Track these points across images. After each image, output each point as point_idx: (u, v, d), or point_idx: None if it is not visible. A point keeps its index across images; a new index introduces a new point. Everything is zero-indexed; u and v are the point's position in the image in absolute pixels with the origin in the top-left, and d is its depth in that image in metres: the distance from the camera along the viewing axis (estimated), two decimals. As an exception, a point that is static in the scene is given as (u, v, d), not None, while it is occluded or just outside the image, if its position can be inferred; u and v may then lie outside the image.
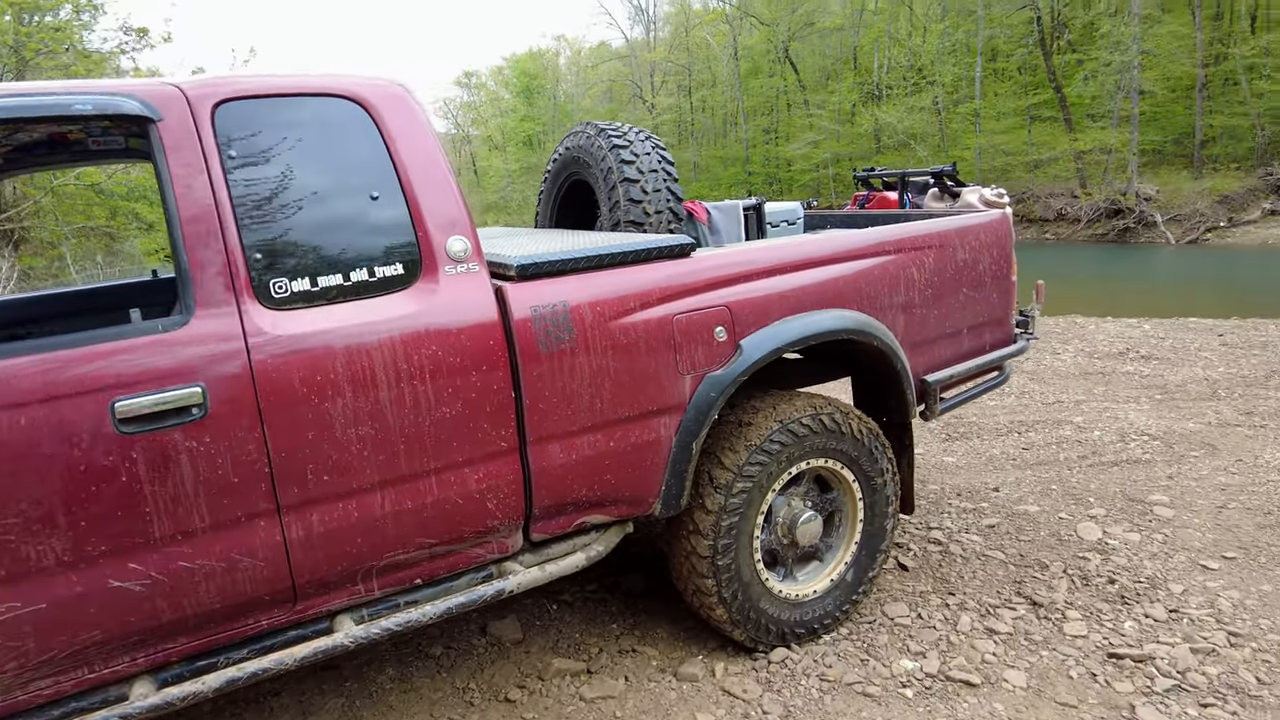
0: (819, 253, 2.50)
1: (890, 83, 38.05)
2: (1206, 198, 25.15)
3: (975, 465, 4.42)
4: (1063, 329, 8.58)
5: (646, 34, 57.14)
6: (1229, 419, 4.98)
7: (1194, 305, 12.52)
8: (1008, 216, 3.01)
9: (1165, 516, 3.52)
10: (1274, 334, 7.85)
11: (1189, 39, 27.68)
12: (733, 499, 2.34)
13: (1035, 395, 5.82)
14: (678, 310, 2.21)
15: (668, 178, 2.81)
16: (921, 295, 2.68)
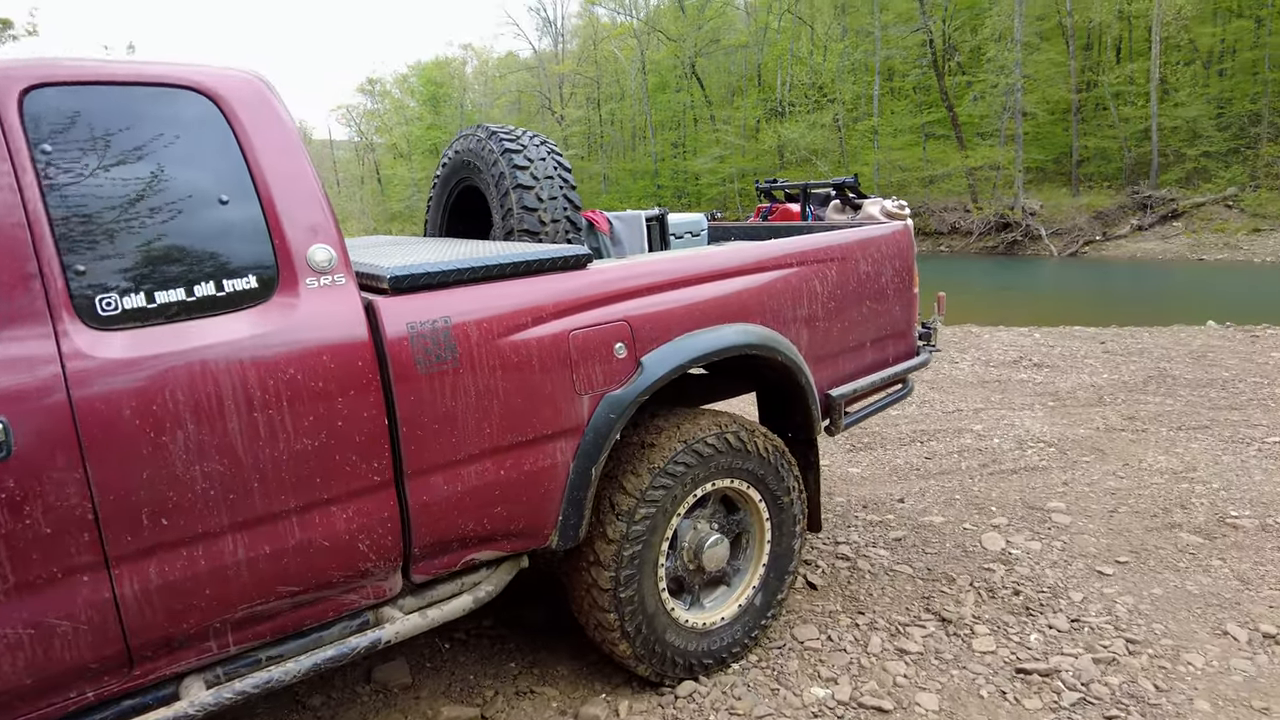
0: (722, 265, 2.39)
1: (793, 100, 39.12)
2: (1084, 213, 26.85)
3: (880, 476, 4.43)
4: (960, 338, 8.87)
5: (555, 46, 57.09)
6: (1114, 424, 5.18)
7: (1077, 314, 13.23)
8: (909, 228, 2.99)
9: (1063, 523, 3.58)
10: (1148, 341, 8.32)
11: (1064, 66, 29.59)
12: (635, 526, 2.19)
13: (936, 404, 5.93)
14: (574, 326, 2.05)
15: (564, 185, 2.65)
16: (825, 308, 2.62)
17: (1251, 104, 27.49)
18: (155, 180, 1.68)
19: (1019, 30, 28.51)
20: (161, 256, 1.66)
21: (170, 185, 1.69)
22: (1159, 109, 27.30)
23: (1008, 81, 28.70)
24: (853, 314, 2.72)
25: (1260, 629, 2.67)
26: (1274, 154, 25.72)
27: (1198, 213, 25.20)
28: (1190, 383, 6.21)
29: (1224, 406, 5.51)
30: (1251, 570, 3.10)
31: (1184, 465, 4.29)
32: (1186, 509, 3.70)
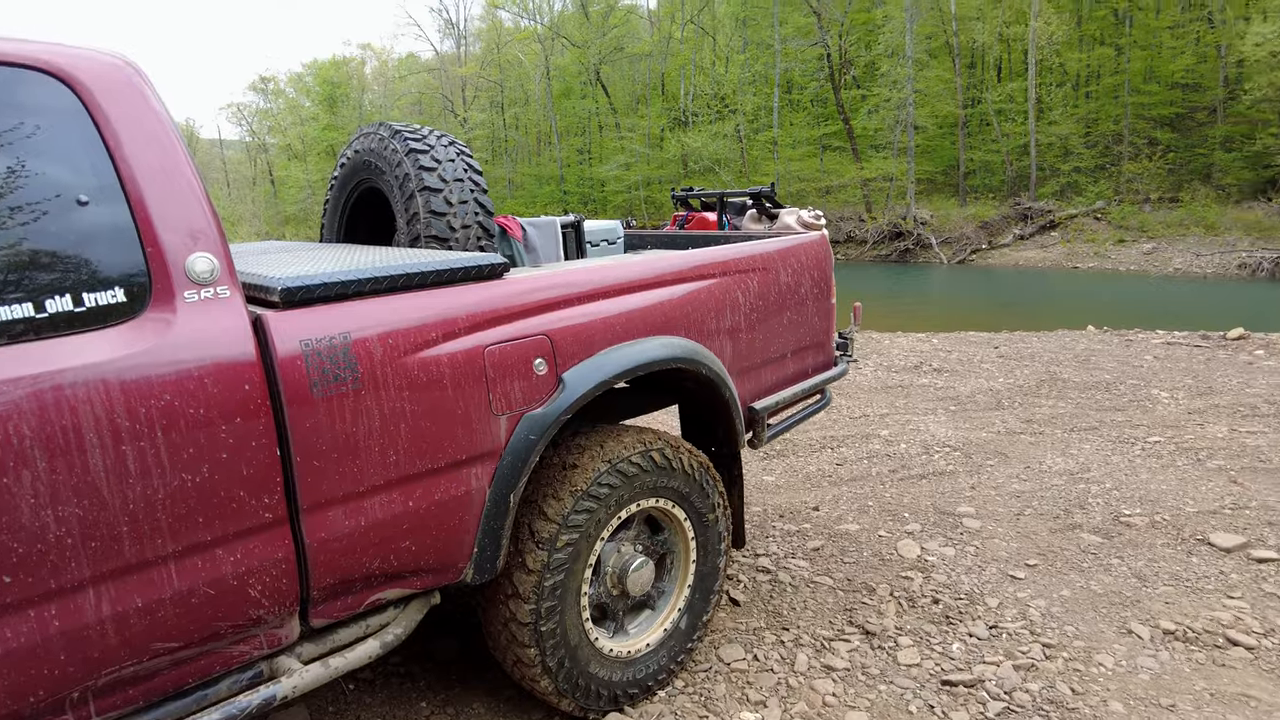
0: (645, 275, 2.29)
1: (696, 109, 39.71)
2: (971, 223, 28.31)
3: (794, 484, 4.43)
4: (862, 344, 9.10)
5: (457, 48, 56.11)
6: (1014, 427, 5.39)
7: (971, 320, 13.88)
8: (826, 238, 2.98)
9: (973, 528, 3.66)
10: (1037, 346, 8.76)
11: (951, 83, 31.18)
12: (557, 554, 2.06)
13: (843, 410, 6.03)
14: (489, 340, 1.90)
15: (475, 188, 2.50)
16: (747, 319, 2.56)
17: (1114, 125, 29.71)
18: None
19: (910, 47, 29.87)
20: (6, 266, 1.42)
21: (14, 183, 1.46)
22: (1036, 126, 29.12)
23: (900, 96, 30.01)
24: (774, 325, 2.68)
25: (1160, 625, 2.77)
26: (1134, 171, 27.84)
27: (1071, 224, 26.97)
28: (1078, 385, 6.55)
29: (1109, 408, 5.83)
30: (1147, 568, 3.24)
31: (1079, 466, 4.48)
32: (1085, 509, 3.85)
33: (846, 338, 3.18)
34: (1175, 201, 26.32)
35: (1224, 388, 6.33)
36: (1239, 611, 2.86)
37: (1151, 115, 29.12)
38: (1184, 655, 2.61)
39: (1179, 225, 25.05)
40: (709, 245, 2.78)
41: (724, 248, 2.56)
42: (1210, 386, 6.37)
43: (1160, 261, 23.72)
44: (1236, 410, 5.65)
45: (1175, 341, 8.79)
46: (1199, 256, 23.26)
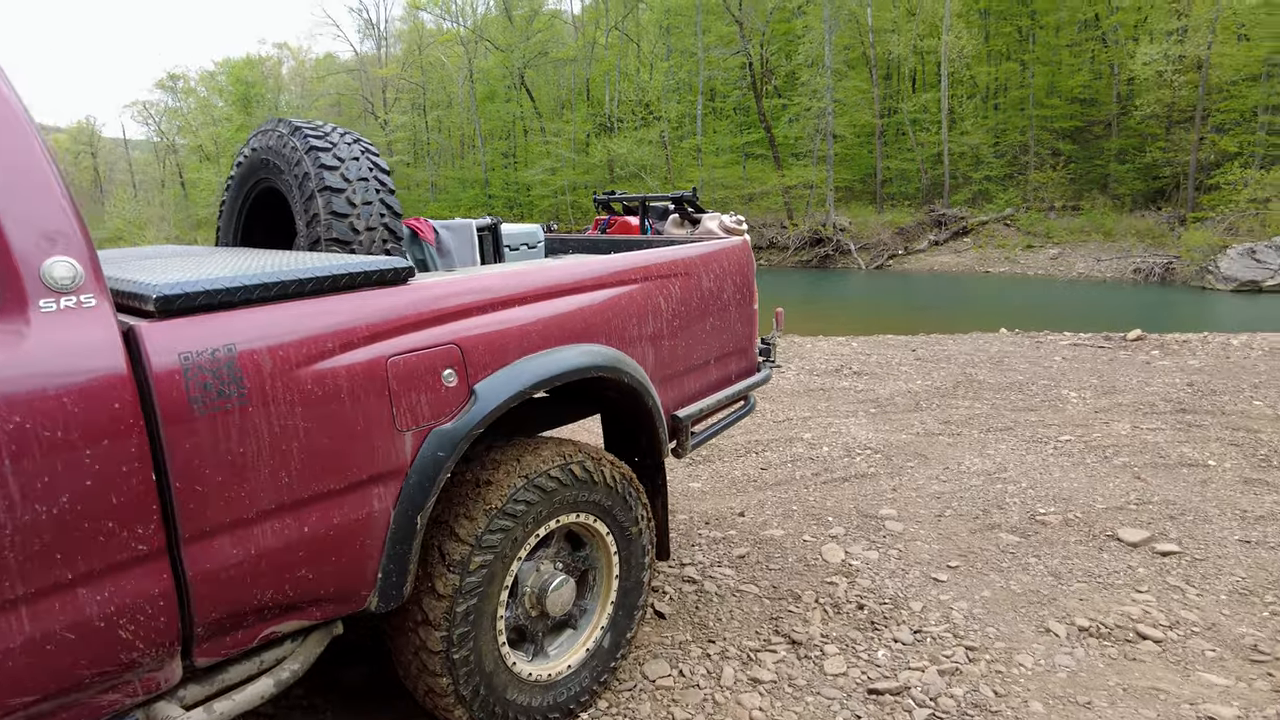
0: (563, 280, 2.20)
1: (621, 115, 39.81)
2: (888, 229, 29.21)
3: (719, 489, 4.40)
4: (785, 348, 9.20)
5: (378, 49, 54.88)
6: (932, 428, 5.50)
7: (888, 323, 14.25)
8: (748, 243, 2.95)
9: (896, 531, 3.69)
10: (953, 348, 9.03)
11: (869, 93, 32.14)
12: (470, 577, 1.94)
13: (767, 414, 6.06)
14: (393, 351, 1.78)
15: (381, 188, 2.36)
16: (670, 326, 2.50)
17: (1021, 135, 31.15)
18: None
19: (829, 58, 30.64)
20: None
21: None
22: (949, 136, 30.27)
23: (819, 106, 30.74)
24: (697, 331, 2.62)
25: (1075, 623, 2.83)
26: (1040, 180, 29.24)
27: (983, 230, 28.12)
28: (993, 387, 6.75)
29: (1023, 408, 6.02)
30: (1061, 565, 3.31)
31: (996, 466, 4.59)
32: (1003, 509, 3.94)
33: (769, 343, 3.16)
34: (1077, 209, 27.75)
35: (1126, 387, 6.62)
36: (1146, 605, 2.95)
37: (1054, 127, 30.65)
38: (1098, 651, 2.66)
39: (1081, 232, 26.41)
40: (631, 250, 2.71)
41: (645, 252, 2.49)
42: (1114, 386, 6.66)
43: (1065, 266, 24.95)
44: (1138, 408, 5.91)
45: (1081, 343, 9.19)
46: (1099, 261, 24.56)
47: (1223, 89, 25.40)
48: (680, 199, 3.37)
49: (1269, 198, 22.04)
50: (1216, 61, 24.61)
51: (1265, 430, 5.28)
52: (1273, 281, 19.74)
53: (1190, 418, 5.62)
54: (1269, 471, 4.46)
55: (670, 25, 40.31)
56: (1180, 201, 25.67)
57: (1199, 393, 6.36)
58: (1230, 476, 4.38)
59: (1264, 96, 24.18)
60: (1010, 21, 33.56)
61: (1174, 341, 9.12)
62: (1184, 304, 18.93)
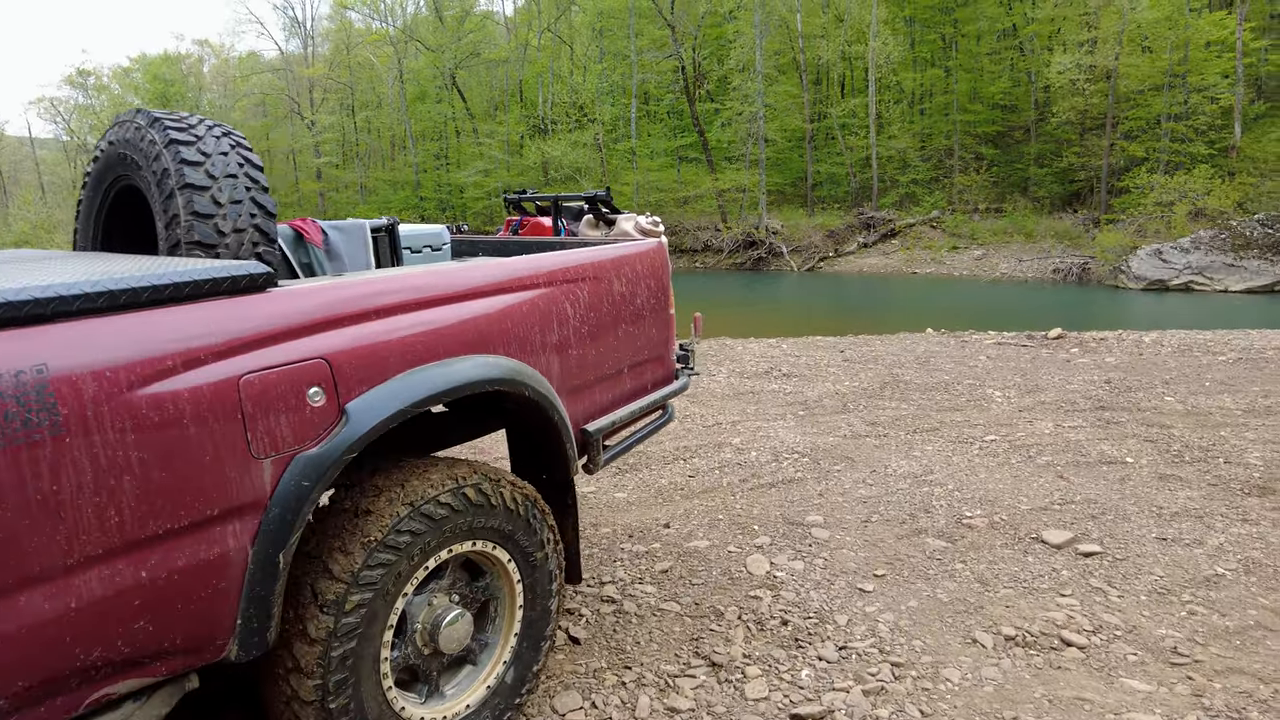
0: (456, 285, 2.01)
1: (555, 117, 39.52)
2: (819, 232, 29.68)
3: (646, 499, 4.25)
4: (715, 351, 9.14)
5: (304, 48, 53.31)
6: (859, 430, 5.47)
7: (819, 325, 14.37)
8: (664, 246, 2.81)
9: (822, 538, 3.60)
10: (880, 349, 9.11)
11: (799, 98, 32.61)
12: (347, 618, 1.74)
13: (696, 418, 5.95)
14: (246, 368, 1.56)
15: (253, 185, 2.13)
16: (577, 333, 2.33)
17: (946, 140, 32.06)
18: None
19: (759, 63, 30.97)
20: None
21: None
22: (877, 140, 30.92)
23: (751, 110, 31.04)
24: (608, 339, 2.46)
25: (1001, 632, 2.77)
26: (964, 183, 30.12)
27: (910, 232, 28.81)
28: (919, 387, 6.79)
29: (948, 408, 6.05)
30: (988, 570, 3.27)
31: (922, 468, 4.56)
32: (929, 513, 3.89)
33: (687, 350, 3.02)
34: (1000, 212, 28.67)
35: (1048, 385, 6.74)
36: (1070, 610, 2.92)
37: (977, 132, 31.63)
38: (1024, 661, 2.60)
39: (1004, 233, 27.28)
40: (542, 251, 2.54)
41: (549, 255, 2.32)
42: (1037, 384, 6.77)
43: (989, 266, 25.73)
44: (1060, 406, 6.00)
45: (1005, 342, 9.38)
46: (1021, 262, 25.41)
47: (1130, 98, 26.60)
48: (594, 199, 3.20)
49: (1172, 201, 23.13)
50: (1124, 72, 25.74)
51: (1177, 425, 5.41)
52: (1178, 281, 20.71)
53: (1109, 414, 5.73)
54: (1181, 467, 4.54)
55: (603, 28, 40.22)
56: (1094, 204, 26.76)
57: (1116, 389, 6.52)
58: (1147, 473, 4.44)
59: (1166, 105, 25.40)
60: (934, 29, 34.52)
61: (1092, 339, 9.39)
62: (1099, 303, 19.70)
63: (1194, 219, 22.61)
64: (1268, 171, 23.41)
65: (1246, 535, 3.54)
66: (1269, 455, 4.72)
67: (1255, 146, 24.41)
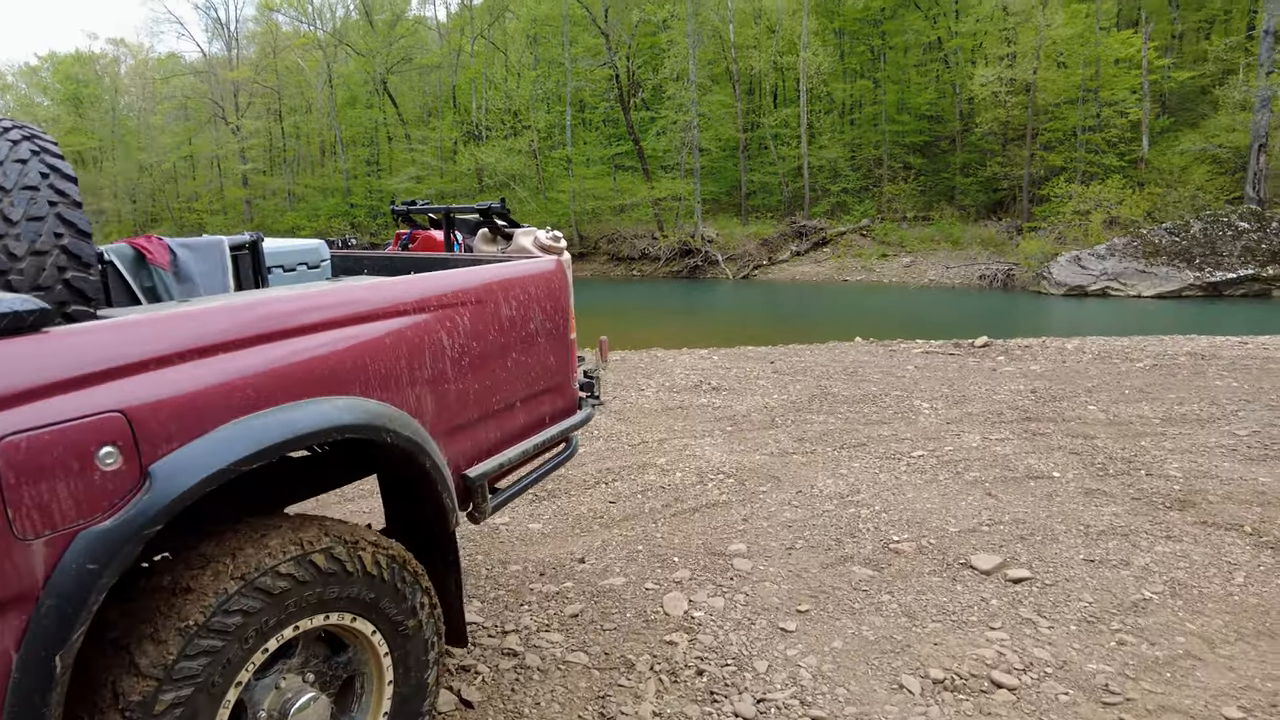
0: (304, 314, 1.73)
1: (489, 124, 38.96)
2: (753, 240, 29.87)
3: (562, 530, 3.99)
4: (646, 364, 8.94)
5: (228, 51, 51.47)
6: (786, 447, 5.32)
7: (751, 333, 14.35)
8: (563, 263, 2.56)
9: (744, 570, 3.40)
10: (809, 359, 9.04)
11: (732, 108, 32.84)
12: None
13: (622, 437, 5.72)
14: (6, 429, 1.26)
15: (59, 199, 1.80)
16: (457, 366, 2.06)
17: (875, 150, 32.70)
18: None
19: (693, 72, 31.06)
20: None
21: None
22: (808, 150, 31.33)
23: (685, 119, 31.10)
24: (496, 370, 2.20)
25: (930, 674, 2.60)
26: (893, 192, 30.75)
27: (841, 240, 29.23)
28: (847, 399, 6.70)
29: (875, 421, 5.96)
30: (915, 602, 3.11)
31: (849, 488, 4.42)
32: (855, 537, 3.74)
33: (591, 377, 2.78)
34: (927, 220, 29.33)
35: (975, 395, 6.73)
36: (1000, 645, 2.77)
37: (905, 142, 32.36)
38: (953, 708, 2.43)
39: (931, 241, 27.90)
40: (429, 269, 2.27)
41: (423, 277, 2.05)
42: (964, 395, 6.75)
43: (917, 274, 26.25)
44: (987, 418, 5.97)
45: (933, 350, 9.42)
46: (948, 269, 26.00)
47: (1048, 110, 27.56)
48: (488, 210, 2.94)
49: (1089, 210, 24.01)
50: (1042, 85, 26.66)
51: (1100, 436, 5.41)
52: (1096, 286, 21.45)
53: (1034, 425, 5.72)
54: (1106, 480, 4.51)
55: (538, 35, 39.88)
56: (1017, 212, 27.60)
57: (1041, 399, 6.54)
58: (1073, 488, 4.39)
59: (1081, 118, 26.41)
60: (863, 41, 35.23)
61: (1017, 347, 9.52)
62: (1023, 308, 20.24)
63: (1109, 227, 23.50)
64: (1173, 182, 24.49)
65: (1171, 554, 3.49)
66: (1187, 465, 4.74)
67: (1161, 159, 25.54)
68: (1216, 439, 5.28)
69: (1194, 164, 24.44)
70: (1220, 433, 5.44)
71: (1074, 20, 25.92)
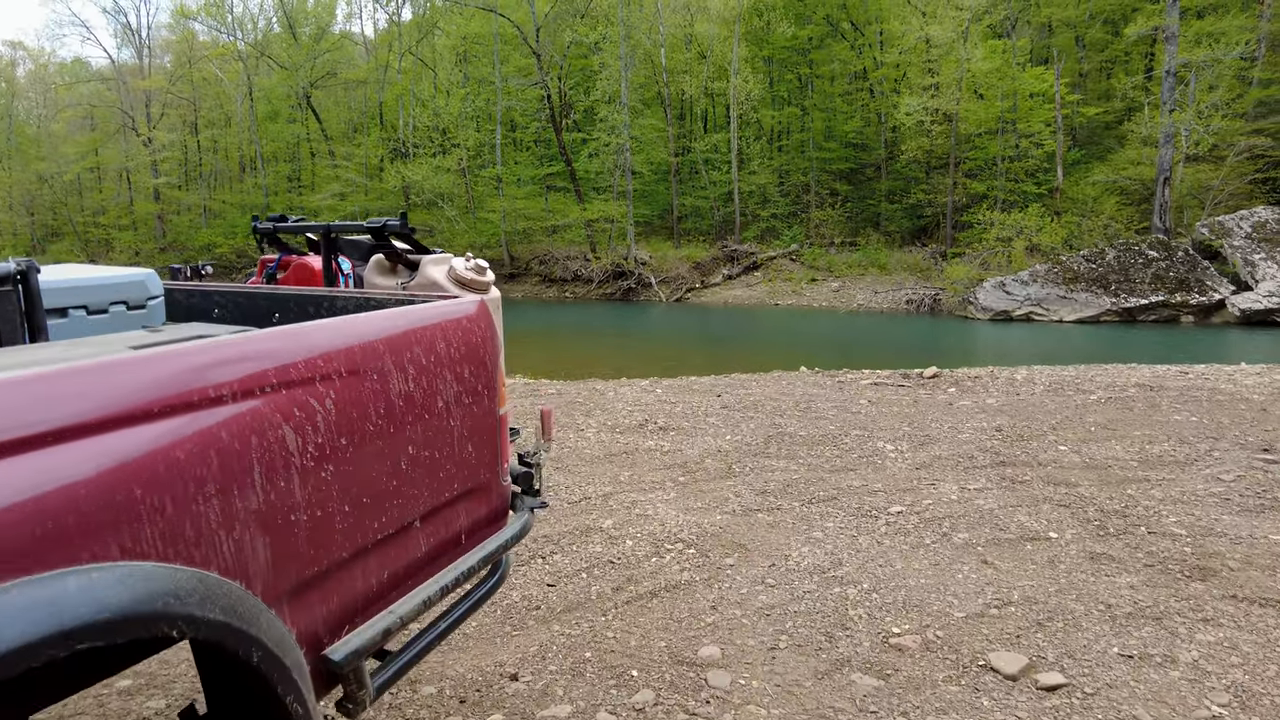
0: (14, 417, 0.96)
1: (417, 141, 37.81)
2: (685, 263, 29.56)
3: (489, 627, 3.22)
4: (585, 398, 8.21)
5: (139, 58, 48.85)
6: (749, 503, 4.67)
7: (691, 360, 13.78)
8: (489, 305, 1.83)
9: (721, 687, 2.70)
10: (757, 392, 8.46)
11: (664, 132, 32.61)
12: None
13: (561, 491, 4.97)
14: None
15: None
16: (312, 481, 1.31)
17: (803, 176, 32.93)
18: None
19: (625, 95, 30.71)
20: None
21: None
22: (739, 175, 31.29)
23: (618, 141, 30.68)
24: (379, 477, 1.45)
25: None
26: (820, 218, 30.95)
27: (772, 265, 29.16)
28: (805, 440, 6.11)
29: (841, 468, 5.38)
30: (937, 727, 2.47)
31: (829, 559, 3.79)
32: (848, 630, 3.09)
33: (531, 463, 2.04)
34: (854, 245, 29.56)
35: (939, 435, 6.24)
36: (1060, 796, 2.15)
37: (832, 169, 32.69)
38: None
39: (859, 266, 28.08)
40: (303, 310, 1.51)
41: (244, 339, 1.29)
42: (927, 434, 6.25)
43: (846, 298, 26.31)
44: (958, 462, 5.47)
45: (882, 382, 8.98)
46: (876, 294, 26.14)
47: (970, 139, 28.22)
48: (383, 228, 2.15)
49: (1010, 236, 24.52)
50: (963, 115, 27.27)
51: (1082, 483, 4.96)
52: (1020, 311, 21.80)
53: (1011, 471, 5.23)
54: (1108, 541, 4.01)
55: (468, 52, 39.01)
56: (941, 238, 28.05)
57: (1008, 438, 6.09)
58: (1074, 551, 3.87)
59: (1001, 148, 27.09)
60: (791, 69, 35.60)
61: (967, 378, 9.16)
62: (954, 333, 20.33)
63: (1031, 253, 24.01)
64: (1086, 212, 25.26)
65: (1217, 644, 2.95)
66: (1186, 520, 4.29)
67: (1075, 189, 26.37)
68: (1204, 485, 4.89)
69: (1104, 195, 25.29)
70: (1204, 477, 5.05)
71: (992, 55, 26.64)
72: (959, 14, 26.40)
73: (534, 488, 1.99)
